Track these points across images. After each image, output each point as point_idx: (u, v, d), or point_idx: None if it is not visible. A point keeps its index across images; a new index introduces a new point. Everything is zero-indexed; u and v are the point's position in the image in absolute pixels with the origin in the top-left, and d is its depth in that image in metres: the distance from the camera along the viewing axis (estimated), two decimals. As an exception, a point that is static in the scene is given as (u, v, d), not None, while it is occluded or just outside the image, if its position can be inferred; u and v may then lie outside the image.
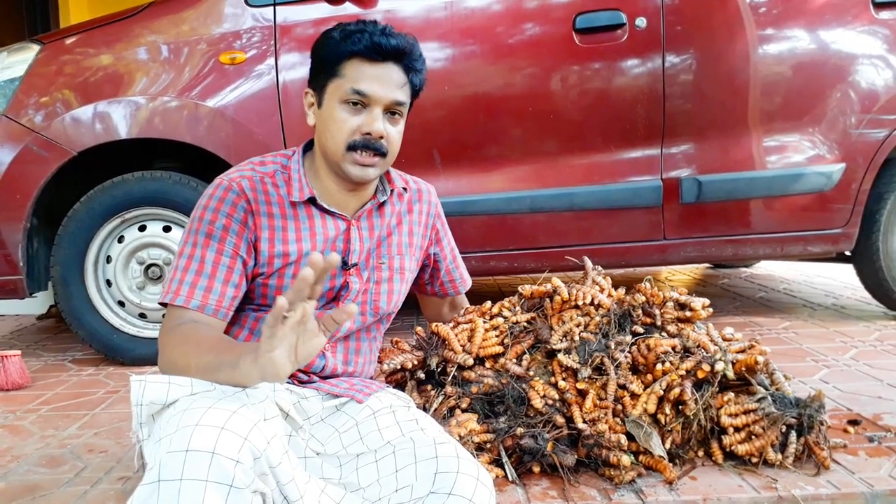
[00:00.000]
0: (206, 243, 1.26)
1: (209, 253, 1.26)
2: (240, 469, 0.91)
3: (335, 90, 1.29)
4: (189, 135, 2.45)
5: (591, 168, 2.58)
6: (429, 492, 1.06)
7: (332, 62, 1.29)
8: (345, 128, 1.28)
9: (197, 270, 1.25)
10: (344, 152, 1.29)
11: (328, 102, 1.30)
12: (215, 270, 1.25)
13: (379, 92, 1.27)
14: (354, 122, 1.28)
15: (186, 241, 1.28)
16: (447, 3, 2.52)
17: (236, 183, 1.29)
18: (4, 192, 2.44)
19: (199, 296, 1.24)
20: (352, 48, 1.27)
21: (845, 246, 2.70)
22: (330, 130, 1.29)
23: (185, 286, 1.24)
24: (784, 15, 2.57)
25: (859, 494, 1.41)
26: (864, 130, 2.60)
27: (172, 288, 1.25)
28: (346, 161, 1.29)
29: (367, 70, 1.27)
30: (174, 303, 1.24)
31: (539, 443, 1.46)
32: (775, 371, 1.57)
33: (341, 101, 1.28)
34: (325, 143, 1.31)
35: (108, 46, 2.49)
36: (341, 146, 1.28)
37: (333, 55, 1.29)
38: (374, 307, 1.40)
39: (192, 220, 1.29)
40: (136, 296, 2.54)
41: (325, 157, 1.33)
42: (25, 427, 1.95)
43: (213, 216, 1.27)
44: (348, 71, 1.28)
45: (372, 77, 1.27)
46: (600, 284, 1.67)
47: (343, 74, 1.28)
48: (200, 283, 1.24)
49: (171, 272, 1.27)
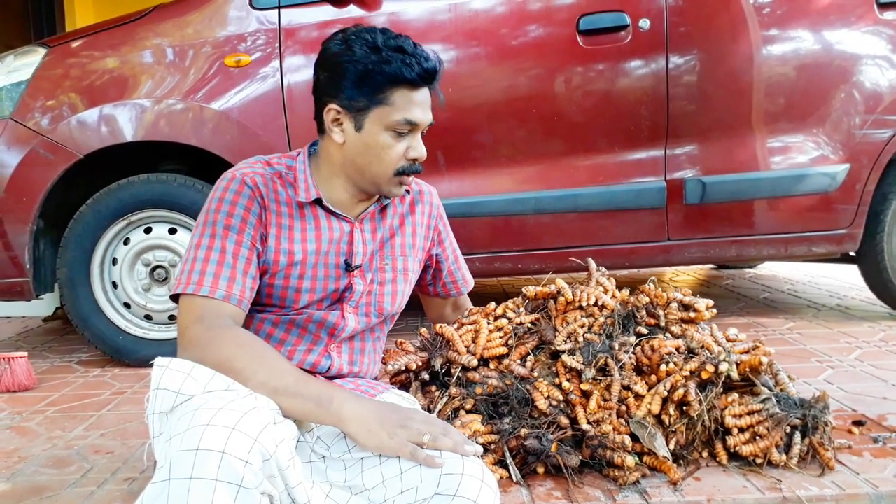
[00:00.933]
0: (225, 234, 1.25)
1: (229, 244, 1.25)
2: (249, 470, 0.92)
3: (382, 117, 1.27)
4: (194, 137, 2.46)
5: (595, 169, 2.58)
6: (433, 493, 1.07)
7: (375, 87, 1.26)
8: (394, 155, 1.29)
9: (219, 261, 1.23)
10: (391, 177, 1.31)
11: (371, 128, 1.28)
12: (236, 261, 1.24)
13: (423, 119, 1.30)
14: (401, 149, 1.29)
15: (203, 232, 1.26)
16: (451, 5, 2.53)
17: (250, 178, 1.30)
18: (11, 195, 2.46)
19: (224, 286, 1.22)
20: (401, 75, 1.25)
21: (850, 246, 2.70)
22: (376, 156, 1.29)
23: (209, 276, 1.22)
24: (788, 15, 2.57)
25: (864, 495, 1.41)
26: (868, 131, 2.60)
27: (193, 279, 1.22)
28: (392, 185, 1.32)
29: (414, 98, 1.28)
30: (198, 293, 1.20)
31: (543, 444, 1.46)
32: (779, 372, 1.57)
33: (388, 128, 1.28)
34: (365, 166, 1.31)
35: (113, 50, 2.50)
36: (390, 172, 1.30)
37: (378, 80, 1.25)
38: (378, 308, 1.41)
39: (206, 213, 1.28)
40: (141, 297, 2.55)
41: (358, 176, 1.33)
42: (32, 428, 1.96)
43: (231, 208, 1.27)
44: (397, 100, 1.26)
45: (418, 104, 1.28)
46: (604, 285, 1.67)
47: (391, 103, 1.26)
48: (223, 273, 1.22)
49: (187, 264, 1.24)
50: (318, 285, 1.33)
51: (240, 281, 1.24)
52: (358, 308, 1.38)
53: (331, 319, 1.35)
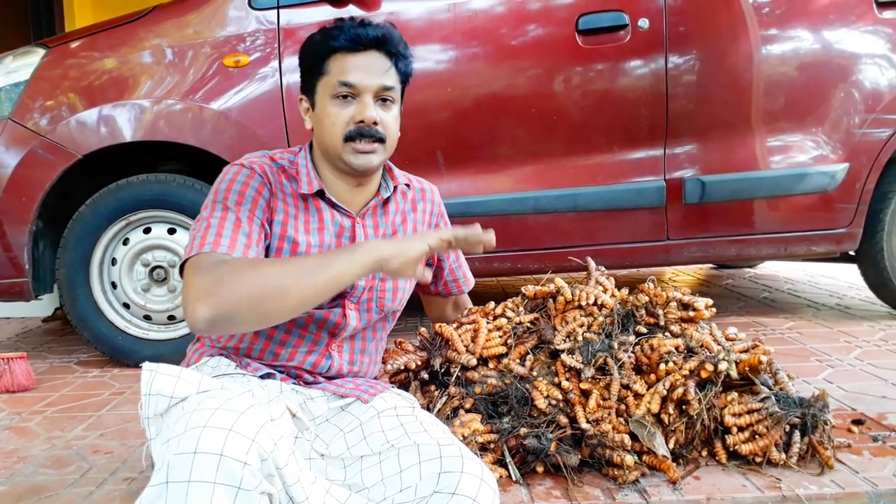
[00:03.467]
0: (237, 208, 1.25)
1: (242, 215, 1.25)
2: (248, 471, 0.92)
3: (324, 88, 1.32)
4: (193, 137, 2.46)
5: (595, 169, 2.58)
6: (433, 491, 1.07)
7: (316, 62, 1.33)
8: (338, 121, 1.31)
9: (234, 227, 1.22)
10: (342, 144, 1.31)
11: (320, 101, 1.33)
12: (251, 230, 1.24)
13: (365, 80, 1.30)
14: (347, 114, 1.31)
15: (215, 206, 1.25)
16: (450, 5, 2.53)
17: (258, 166, 1.32)
18: (10, 196, 2.45)
19: (241, 248, 1.20)
20: (333, 44, 1.31)
21: (849, 246, 2.70)
22: (325, 126, 1.32)
23: (225, 238, 1.19)
24: (787, 15, 2.57)
25: (863, 494, 1.41)
26: (867, 130, 2.60)
27: (209, 240, 1.18)
28: (346, 152, 1.31)
29: (350, 61, 1.30)
30: (216, 250, 1.17)
31: (543, 443, 1.46)
32: (779, 371, 1.57)
33: (331, 96, 1.31)
34: (323, 140, 1.33)
35: (112, 50, 2.50)
36: (338, 138, 1.31)
37: (317, 55, 1.33)
38: (379, 304, 1.41)
39: (215, 193, 1.28)
40: (140, 298, 2.55)
41: (326, 155, 1.35)
42: (31, 428, 1.96)
43: (243, 188, 1.28)
44: (333, 66, 1.31)
45: (356, 67, 1.30)
46: (604, 285, 1.67)
47: (328, 71, 1.31)
48: (240, 238, 1.21)
49: (199, 231, 1.21)
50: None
51: (254, 249, 1.23)
52: (359, 304, 1.38)
53: (332, 318, 1.35)
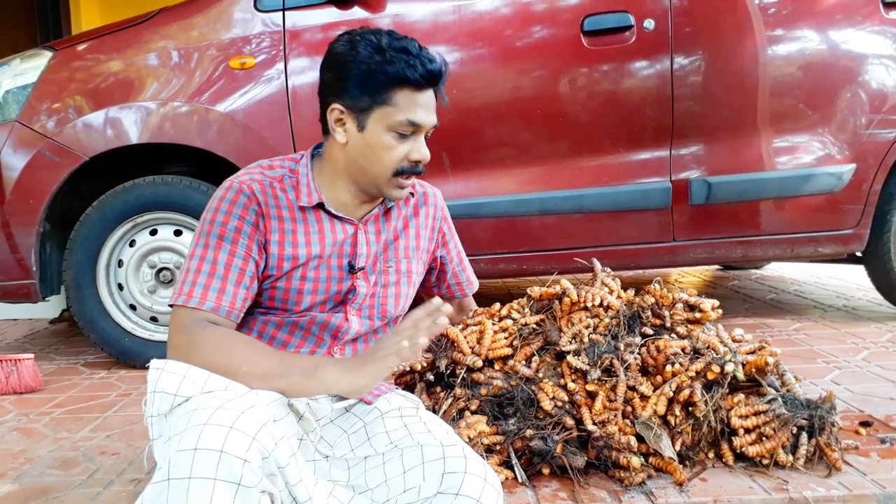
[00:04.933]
0: (218, 245, 1.26)
1: (221, 254, 1.26)
2: (248, 468, 0.92)
3: (384, 117, 1.27)
4: (199, 139, 2.47)
5: (600, 170, 2.58)
6: (436, 492, 1.07)
7: (380, 88, 1.26)
8: (395, 156, 1.29)
9: (209, 272, 1.25)
10: (390, 178, 1.31)
11: (373, 128, 1.28)
12: (227, 272, 1.26)
13: (427, 121, 1.29)
14: (403, 150, 1.29)
15: (197, 242, 1.28)
16: (455, 7, 2.53)
17: (247, 185, 1.30)
18: (17, 197, 2.47)
19: (213, 297, 1.24)
20: (407, 75, 1.25)
21: (856, 247, 2.69)
22: (376, 156, 1.29)
23: (199, 288, 1.24)
24: (793, 15, 2.56)
25: (871, 496, 1.40)
26: (874, 131, 2.59)
27: (185, 290, 1.24)
28: (389, 186, 1.32)
29: (417, 99, 1.27)
30: (188, 304, 1.23)
31: (549, 444, 1.46)
32: (786, 372, 1.56)
33: (391, 129, 1.28)
34: (367, 166, 1.31)
35: (119, 52, 2.51)
36: (388, 172, 1.30)
37: (381, 81, 1.26)
38: (381, 311, 1.41)
39: (202, 223, 1.30)
40: (147, 299, 2.56)
41: (355, 177, 1.33)
42: (38, 430, 1.96)
43: (225, 218, 1.28)
44: (400, 100, 1.26)
45: (421, 106, 1.28)
46: (609, 286, 1.67)
47: (395, 103, 1.26)
48: (213, 284, 1.24)
49: (182, 274, 1.27)
50: (321, 287, 1.33)
51: (230, 292, 1.25)
52: (361, 310, 1.38)
53: (334, 322, 1.35)
